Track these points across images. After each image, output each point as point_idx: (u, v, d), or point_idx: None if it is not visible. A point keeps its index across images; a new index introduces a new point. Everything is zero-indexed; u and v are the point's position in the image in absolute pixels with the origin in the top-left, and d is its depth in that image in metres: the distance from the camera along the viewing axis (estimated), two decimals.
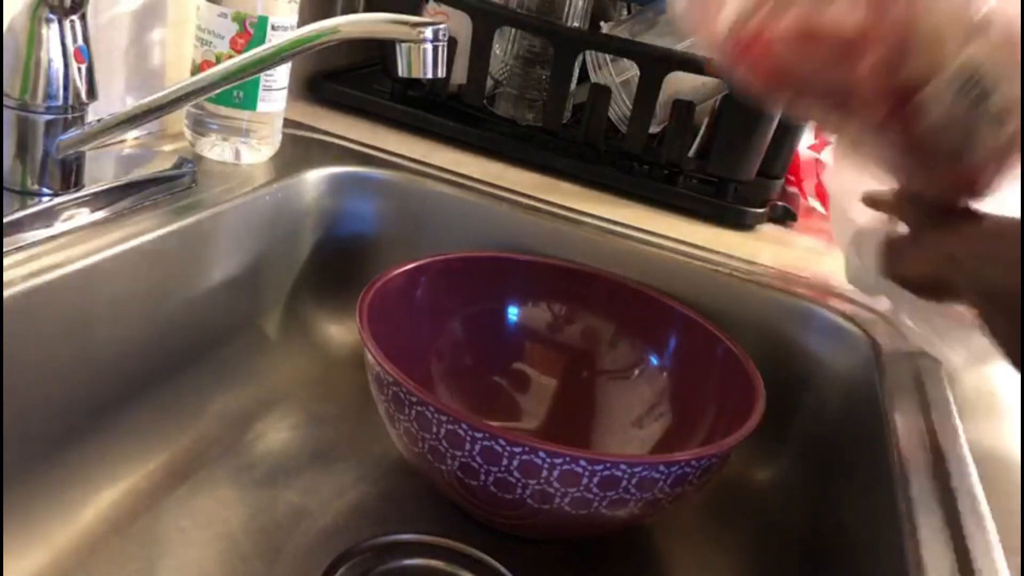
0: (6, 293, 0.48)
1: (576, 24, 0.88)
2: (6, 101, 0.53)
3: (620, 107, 0.88)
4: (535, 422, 0.70)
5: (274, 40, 0.58)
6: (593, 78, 0.88)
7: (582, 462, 0.49)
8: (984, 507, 0.48)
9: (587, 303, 0.72)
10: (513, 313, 0.73)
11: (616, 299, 0.71)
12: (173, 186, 0.63)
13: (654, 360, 0.70)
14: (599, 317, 0.72)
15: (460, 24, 0.84)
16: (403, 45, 0.52)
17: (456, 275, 0.70)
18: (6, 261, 0.50)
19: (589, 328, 0.72)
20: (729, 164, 0.81)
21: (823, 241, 0.83)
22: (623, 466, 0.49)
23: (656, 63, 0.80)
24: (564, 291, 0.72)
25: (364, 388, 0.59)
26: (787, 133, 0.85)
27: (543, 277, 0.72)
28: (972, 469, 0.52)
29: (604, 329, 0.72)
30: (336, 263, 0.77)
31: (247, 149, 0.70)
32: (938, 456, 0.52)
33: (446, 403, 0.51)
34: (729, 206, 0.82)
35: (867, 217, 0.56)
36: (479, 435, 0.49)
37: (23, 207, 0.54)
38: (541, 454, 0.49)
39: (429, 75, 0.53)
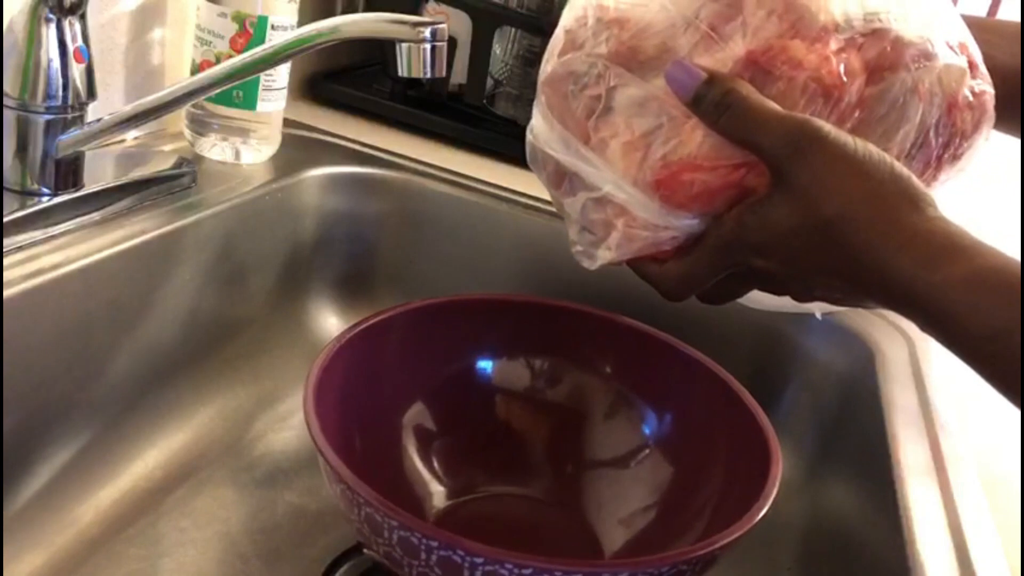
0: (6, 293, 0.48)
1: None
2: (6, 101, 0.53)
3: None
4: (517, 508, 0.60)
5: (274, 40, 0.58)
6: None
7: (557, 574, 0.41)
8: (984, 506, 0.48)
9: (574, 354, 0.63)
10: (485, 370, 0.62)
11: (609, 345, 0.62)
12: (173, 186, 0.63)
13: (653, 423, 0.61)
14: (588, 372, 0.62)
15: (460, 24, 0.84)
16: (403, 45, 0.52)
17: (418, 328, 0.60)
18: (6, 261, 0.50)
19: (578, 388, 0.63)
20: None
21: None
22: (605, 574, 0.44)
23: None
24: (545, 338, 0.62)
25: None
26: None
27: (520, 322, 0.61)
28: (972, 468, 0.52)
29: (595, 388, 0.62)
30: (336, 263, 0.77)
31: (247, 149, 0.70)
32: (938, 456, 0.52)
33: (395, 505, 0.43)
34: None
35: None
36: (434, 543, 0.42)
37: (23, 207, 0.54)
38: (508, 565, 0.41)
39: (429, 75, 0.53)
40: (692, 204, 0.44)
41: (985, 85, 0.49)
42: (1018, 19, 0.61)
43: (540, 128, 0.49)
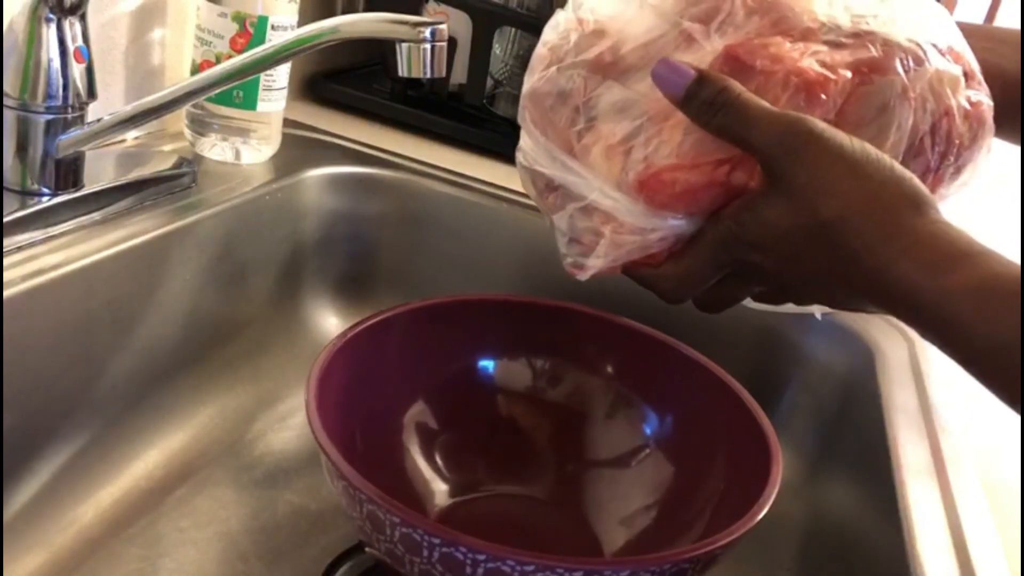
0: (6, 293, 0.48)
1: None
2: (6, 101, 0.53)
3: None
4: (519, 507, 0.61)
5: (274, 40, 0.58)
6: None
7: (559, 571, 0.41)
8: (984, 506, 0.48)
9: (575, 354, 0.63)
10: (486, 370, 0.63)
11: (610, 346, 0.62)
12: (173, 186, 0.63)
13: (654, 424, 0.61)
14: (589, 372, 0.63)
15: (460, 24, 0.84)
16: (403, 45, 0.52)
17: (418, 329, 0.60)
18: (6, 261, 0.50)
19: (579, 388, 0.63)
20: None
21: None
22: (607, 572, 0.43)
23: None
24: (546, 339, 0.62)
25: None
26: None
27: (521, 322, 0.62)
28: (972, 468, 0.52)
29: (596, 388, 0.62)
30: (336, 263, 0.77)
31: (247, 149, 0.70)
32: (938, 456, 0.52)
33: (397, 502, 0.42)
34: None
35: None
36: (436, 540, 0.42)
37: (23, 207, 0.54)
38: (509, 562, 0.41)
39: (429, 75, 0.53)
40: (676, 204, 0.44)
41: (982, 96, 0.48)
42: (1017, 25, 0.61)
43: (526, 145, 0.50)
